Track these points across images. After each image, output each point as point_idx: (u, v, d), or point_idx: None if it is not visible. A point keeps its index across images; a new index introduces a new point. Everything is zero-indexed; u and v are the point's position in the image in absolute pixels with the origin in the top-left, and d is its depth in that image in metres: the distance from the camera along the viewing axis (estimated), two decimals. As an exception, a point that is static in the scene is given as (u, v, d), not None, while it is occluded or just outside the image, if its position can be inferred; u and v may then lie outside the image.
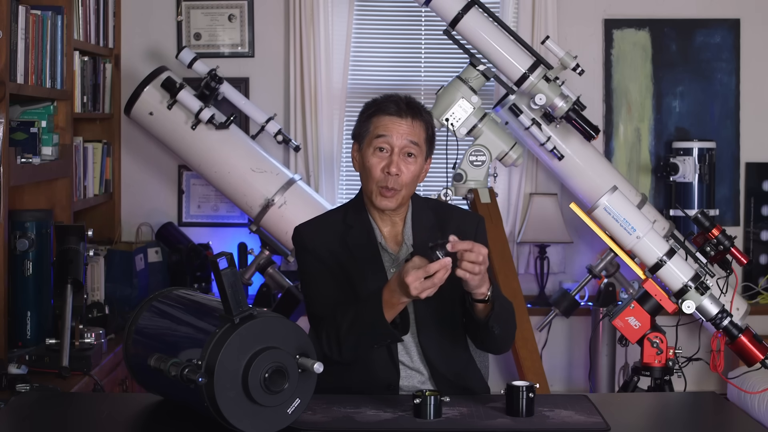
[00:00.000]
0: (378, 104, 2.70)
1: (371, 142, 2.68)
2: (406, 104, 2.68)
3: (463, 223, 2.76)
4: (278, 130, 4.40)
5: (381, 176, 2.66)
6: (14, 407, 2.57)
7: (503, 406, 2.44)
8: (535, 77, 4.04)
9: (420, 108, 2.71)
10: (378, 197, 2.67)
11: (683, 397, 3.23)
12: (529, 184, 4.93)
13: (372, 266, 2.69)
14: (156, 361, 2.25)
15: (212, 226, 4.98)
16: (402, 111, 2.66)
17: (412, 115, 2.67)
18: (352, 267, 2.69)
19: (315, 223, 2.79)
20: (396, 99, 2.69)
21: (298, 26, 4.81)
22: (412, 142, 2.66)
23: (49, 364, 3.32)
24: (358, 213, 2.74)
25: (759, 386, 4.09)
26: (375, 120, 2.68)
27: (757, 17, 5.03)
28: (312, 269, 2.72)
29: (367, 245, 2.70)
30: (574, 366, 5.03)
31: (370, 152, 2.68)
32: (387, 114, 2.67)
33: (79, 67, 4.26)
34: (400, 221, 2.74)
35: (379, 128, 2.67)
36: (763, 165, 5.04)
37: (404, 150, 2.66)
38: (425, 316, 2.69)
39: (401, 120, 2.66)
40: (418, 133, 2.68)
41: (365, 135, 2.70)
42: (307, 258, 2.73)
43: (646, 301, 3.46)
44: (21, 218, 3.56)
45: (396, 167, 2.64)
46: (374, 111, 2.69)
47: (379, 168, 2.66)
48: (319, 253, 2.71)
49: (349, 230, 2.72)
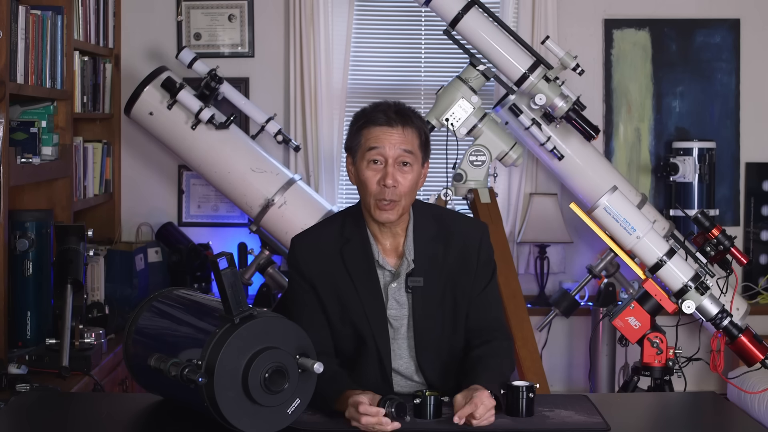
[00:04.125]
0: (367, 115, 2.61)
1: (364, 155, 2.59)
2: (395, 112, 2.59)
3: (467, 236, 2.68)
4: (278, 130, 4.40)
5: (377, 189, 2.58)
6: (14, 407, 2.57)
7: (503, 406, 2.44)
8: (535, 77, 4.04)
9: (410, 114, 2.62)
10: (377, 211, 2.59)
11: (683, 397, 3.24)
12: (529, 184, 4.93)
13: (367, 284, 2.62)
14: (156, 361, 2.25)
15: (212, 226, 4.98)
16: (392, 120, 2.58)
17: (402, 123, 2.59)
18: (347, 285, 2.63)
19: (311, 239, 2.70)
20: (384, 108, 2.60)
21: (298, 26, 4.81)
22: (405, 151, 2.58)
23: (49, 364, 3.32)
24: (356, 225, 2.66)
25: (759, 386, 4.09)
26: (365, 132, 2.60)
27: (757, 17, 5.03)
28: (299, 296, 2.66)
29: (363, 262, 2.63)
30: (574, 366, 5.03)
31: (364, 165, 2.60)
32: (377, 125, 2.58)
33: (79, 67, 4.26)
34: (402, 232, 2.66)
35: (371, 140, 2.58)
36: (763, 165, 5.04)
37: (398, 160, 2.58)
38: (425, 332, 2.64)
39: (392, 129, 2.58)
40: (411, 141, 2.59)
41: (357, 148, 2.62)
42: (297, 280, 2.66)
43: (646, 301, 3.47)
44: (21, 218, 3.56)
45: (392, 178, 2.56)
46: (363, 123, 2.61)
47: (374, 181, 2.58)
48: (311, 278, 2.64)
49: (346, 244, 2.65)
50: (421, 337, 2.64)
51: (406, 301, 2.64)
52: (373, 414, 2.28)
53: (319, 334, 2.58)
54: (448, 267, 2.65)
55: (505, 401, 2.43)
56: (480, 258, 2.68)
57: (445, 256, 2.65)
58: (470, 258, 2.66)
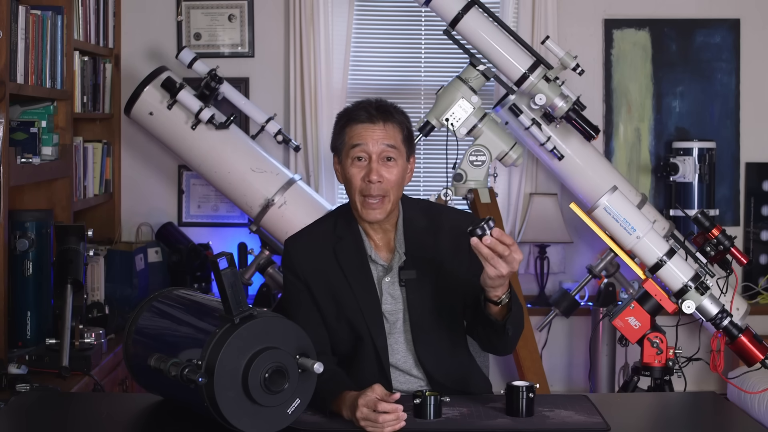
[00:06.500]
0: (349, 113, 2.67)
1: (348, 152, 2.64)
2: (376, 109, 2.64)
3: (456, 222, 2.71)
4: (278, 130, 4.40)
5: (363, 185, 2.62)
6: (14, 407, 2.57)
7: (503, 406, 2.45)
8: (535, 77, 4.04)
9: (391, 110, 2.66)
10: (363, 210, 2.64)
11: (683, 397, 3.24)
12: (529, 184, 4.93)
13: (360, 280, 2.65)
14: (156, 361, 2.25)
15: (212, 226, 4.98)
16: (373, 117, 2.63)
17: (384, 119, 2.63)
18: (341, 282, 2.65)
19: (304, 239, 2.73)
20: (366, 105, 2.65)
21: (298, 26, 4.81)
22: (388, 146, 2.62)
23: (49, 364, 3.32)
24: (348, 222, 2.71)
25: (759, 386, 4.09)
26: (348, 130, 2.65)
27: (757, 17, 5.03)
28: (293, 296, 2.69)
29: (356, 258, 2.67)
30: (574, 366, 5.03)
31: (348, 163, 2.64)
32: (359, 122, 2.63)
33: (79, 67, 4.26)
34: (392, 228, 2.70)
35: (354, 138, 2.63)
36: (763, 165, 5.04)
37: (382, 155, 2.62)
38: (422, 324, 2.66)
39: (374, 126, 2.62)
40: (394, 136, 2.64)
41: (341, 147, 2.67)
42: (291, 280, 2.69)
43: (646, 301, 3.46)
44: (21, 218, 3.56)
45: (376, 174, 2.61)
46: (346, 121, 2.66)
47: (359, 178, 2.63)
48: (306, 278, 2.67)
49: (338, 242, 2.68)
50: (419, 330, 2.66)
51: (401, 295, 2.66)
52: (391, 411, 2.29)
53: (315, 333, 2.59)
54: (440, 256, 2.67)
55: (505, 401, 2.44)
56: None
57: (437, 246, 2.68)
58: (462, 242, 2.65)
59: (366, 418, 2.30)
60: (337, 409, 2.40)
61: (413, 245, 2.67)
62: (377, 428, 2.29)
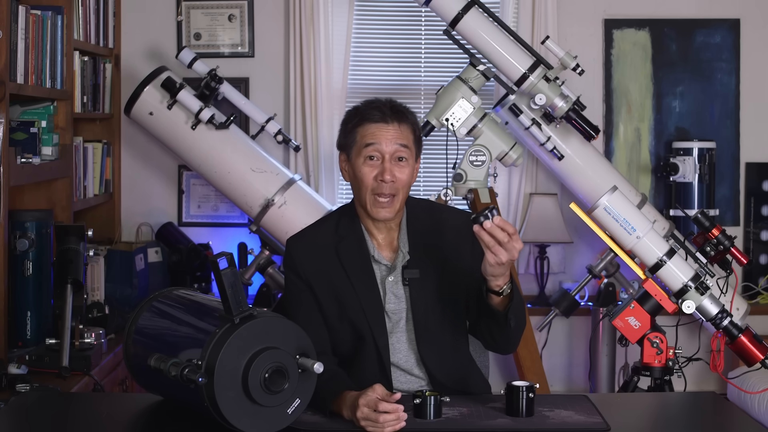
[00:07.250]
0: (361, 113, 2.66)
1: (360, 151, 2.64)
2: (390, 109, 2.64)
3: (458, 221, 2.71)
4: (278, 130, 4.40)
5: (375, 184, 2.62)
6: (14, 407, 2.57)
7: (503, 406, 2.45)
8: (535, 77, 4.04)
9: (405, 111, 2.67)
10: (374, 208, 2.63)
11: (683, 397, 3.24)
12: (529, 184, 4.93)
13: (363, 280, 2.65)
14: (156, 361, 2.25)
15: (212, 226, 4.98)
16: (387, 117, 2.63)
17: (398, 119, 2.64)
18: (343, 282, 2.65)
19: (306, 239, 2.73)
20: (379, 105, 2.65)
21: (298, 26, 4.81)
22: (402, 146, 2.63)
23: (49, 364, 3.32)
24: (351, 222, 2.70)
25: (759, 386, 4.09)
26: (361, 129, 2.64)
27: (757, 17, 5.03)
28: (294, 296, 2.68)
29: (359, 258, 2.67)
30: (574, 366, 5.03)
31: (360, 162, 2.64)
32: (372, 122, 2.63)
33: (79, 67, 4.26)
34: (396, 227, 2.70)
35: (367, 137, 2.63)
36: (763, 165, 5.04)
37: (395, 155, 2.63)
38: (425, 323, 2.66)
39: (388, 126, 2.63)
40: (407, 136, 2.65)
41: (353, 145, 2.66)
42: (293, 280, 2.69)
43: (646, 301, 3.46)
44: (21, 218, 3.56)
45: (389, 174, 2.61)
46: (359, 120, 2.65)
47: (371, 176, 2.63)
48: (308, 278, 2.66)
49: (341, 241, 2.68)
50: (422, 329, 2.66)
51: (404, 294, 2.67)
52: (392, 411, 2.29)
53: (316, 333, 2.59)
54: (444, 255, 2.67)
55: (505, 401, 2.44)
56: (474, 237, 2.69)
57: (440, 245, 2.68)
58: (464, 240, 2.66)
59: (366, 418, 2.30)
60: (337, 409, 2.40)
61: (417, 244, 2.68)
62: (378, 428, 2.29)
